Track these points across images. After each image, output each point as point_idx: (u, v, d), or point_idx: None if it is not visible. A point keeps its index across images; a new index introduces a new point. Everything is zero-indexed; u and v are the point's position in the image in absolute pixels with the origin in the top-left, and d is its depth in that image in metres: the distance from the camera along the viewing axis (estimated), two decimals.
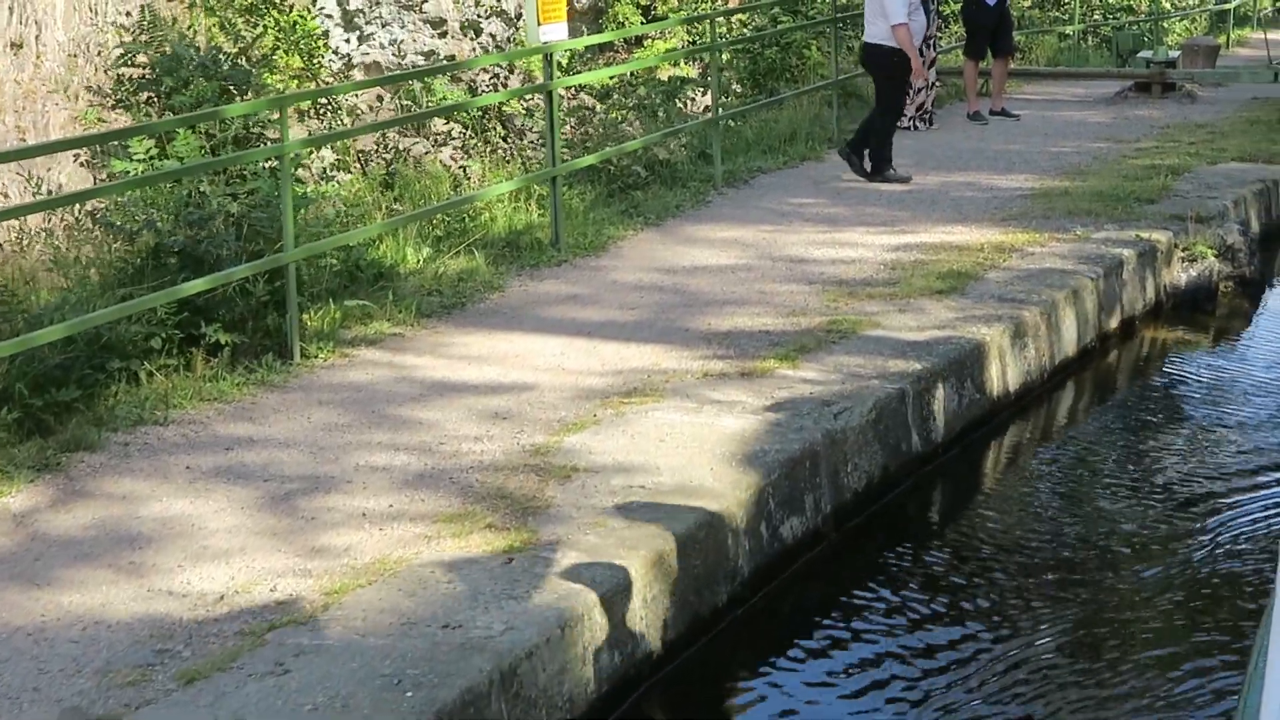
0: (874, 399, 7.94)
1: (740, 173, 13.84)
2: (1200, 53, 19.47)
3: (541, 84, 11.22)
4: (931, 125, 16.45)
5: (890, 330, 9.08)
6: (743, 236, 11.62)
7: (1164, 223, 11.75)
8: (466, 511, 6.54)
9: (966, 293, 9.87)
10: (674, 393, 8.03)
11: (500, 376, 8.47)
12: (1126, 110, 17.62)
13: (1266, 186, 13.33)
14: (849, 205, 12.67)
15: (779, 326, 9.23)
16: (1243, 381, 10.27)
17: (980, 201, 12.62)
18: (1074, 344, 10.00)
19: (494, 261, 10.79)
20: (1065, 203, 12.33)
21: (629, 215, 12.20)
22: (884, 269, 10.50)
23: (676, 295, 10.05)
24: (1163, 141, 15.33)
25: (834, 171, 14.06)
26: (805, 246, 11.24)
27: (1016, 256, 10.75)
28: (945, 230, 11.62)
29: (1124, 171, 13.62)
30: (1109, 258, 10.67)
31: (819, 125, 15.96)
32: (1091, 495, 8.40)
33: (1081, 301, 10.07)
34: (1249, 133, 15.58)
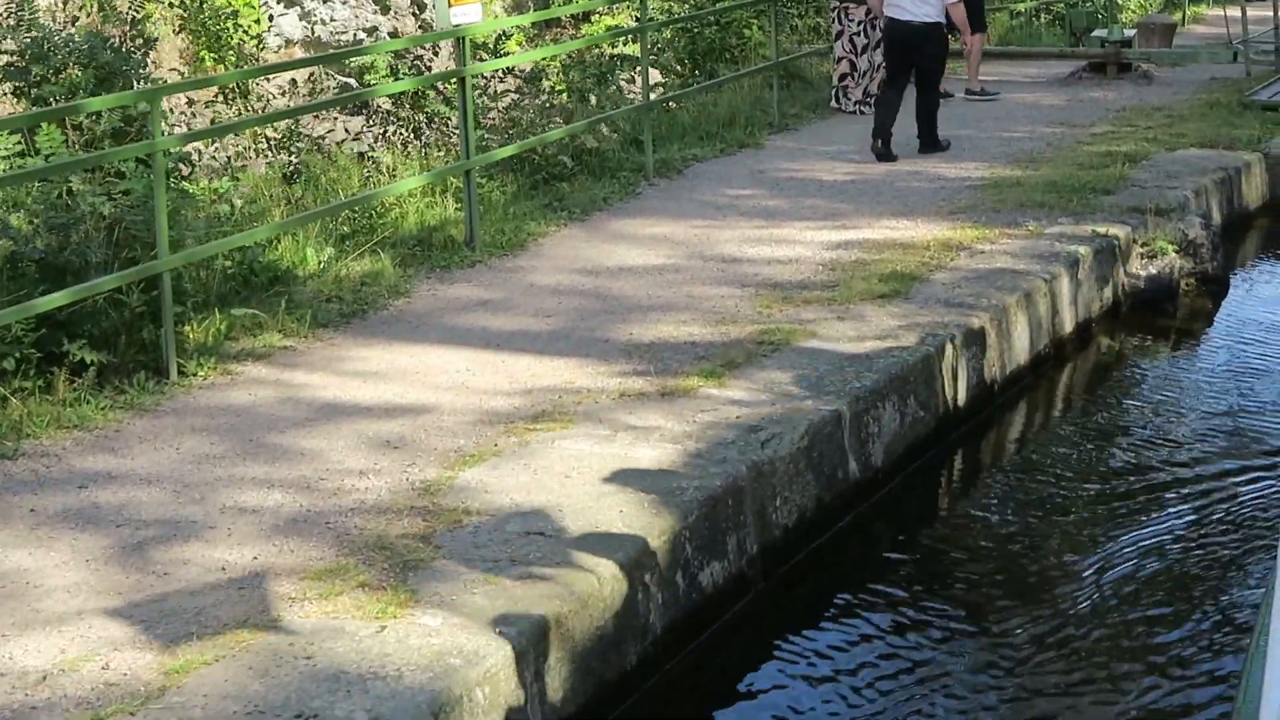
0: (806, 423, 7.18)
1: (674, 161, 13.05)
2: (1156, 31, 18.75)
3: (454, 70, 10.38)
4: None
5: (827, 341, 8.32)
6: (673, 233, 10.85)
7: (1121, 216, 11.02)
8: (340, 566, 5.75)
9: (911, 297, 9.12)
10: (586, 417, 7.25)
11: (397, 396, 7.67)
12: (1081, 92, 16.90)
13: (1228, 175, 12.63)
14: (788, 197, 11.90)
15: (706, 337, 8.46)
16: (1204, 393, 9.56)
17: (927, 193, 11.88)
18: (1026, 352, 9.27)
19: (402, 263, 9.98)
20: (1017, 194, 11.59)
21: (553, 209, 11.40)
22: (823, 270, 9.74)
23: (598, 300, 9.27)
24: (1119, 126, 14.60)
25: (773, 159, 13.30)
26: (739, 244, 10.47)
27: (965, 255, 10.00)
28: (889, 225, 10.87)
29: (1079, 159, 12.90)
30: (1063, 256, 9.94)
31: (760, 109, 15.18)
32: (1050, 525, 7.66)
33: (1034, 306, 9.34)
34: (1208, 117, 14.87)
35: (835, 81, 15.76)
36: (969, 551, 7.42)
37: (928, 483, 8.14)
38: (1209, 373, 9.90)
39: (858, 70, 15.48)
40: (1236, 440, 8.77)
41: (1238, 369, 9.92)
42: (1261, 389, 9.53)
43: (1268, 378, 9.76)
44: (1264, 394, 9.46)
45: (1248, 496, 7.91)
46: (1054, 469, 8.42)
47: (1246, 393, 9.50)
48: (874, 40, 15.39)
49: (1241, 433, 8.88)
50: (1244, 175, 12.92)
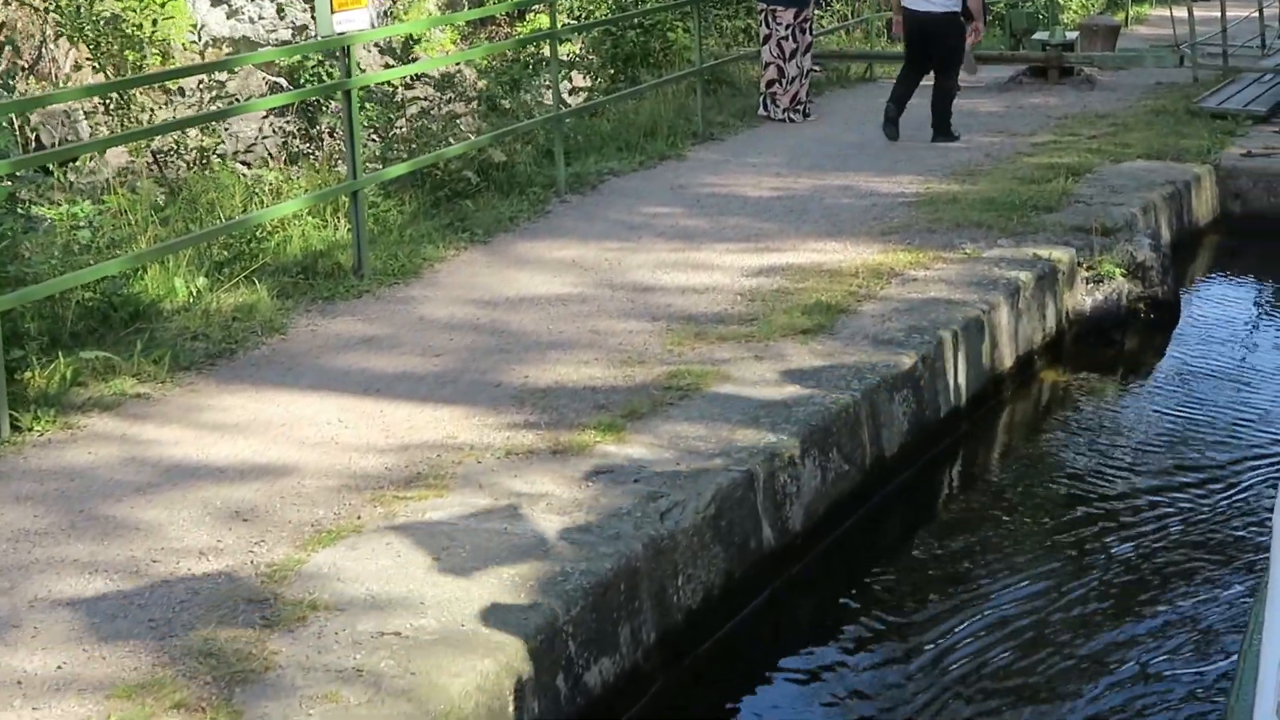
0: (714, 487, 6.35)
1: (589, 176, 12.21)
2: (1099, 33, 18.03)
3: (337, 82, 9.50)
4: (808, 117, 14.89)
5: (742, 385, 7.50)
6: (582, 256, 10.00)
7: (1065, 236, 10.25)
8: (155, 680, 4.87)
9: (836, 332, 8.31)
10: (465, 482, 6.40)
11: (256, 454, 6.80)
12: (1021, 98, 16.15)
13: (1177, 189, 11.88)
14: (708, 216, 11.08)
15: (609, 380, 7.62)
16: (1155, 434, 8.80)
17: (858, 210, 11.07)
18: (961, 393, 8.48)
19: (282, 293, 9.10)
20: (953, 212, 10.80)
21: (454, 230, 10.54)
22: (741, 300, 8.92)
23: (493, 336, 8.42)
24: (1061, 135, 13.85)
25: (696, 173, 12.48)
26: (653, 269, 9.64)
27: (896, 283, 9.20)
28: (816, 247, 10.07)
29: (1019, 172, 12.13)
30: (1002, 283, 9.15)
31: (684, 117, 14.36)
32: (992, 595, 6.87)
33: (971, 340, 8.55)
34: (1155, 125, 14.13)
35: (763, 88, 14.94)
36: (899, 631, 6.61)
37: (854, 547, 7.31)
38: (1160, 411, 9.14)
39: (785, 76, 14.67)
40: (1190, 486, 8.03)
41: (1190, 406, 9.18)
42: (1215, 428, 8.80)
43: (1221, 415, 9.02)
44: (1218, 433, 8.73)
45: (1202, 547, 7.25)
46: (994, 525, 7.64)
47: (1199, 433, 8.76)
48: (803, 45, 14.61)
49: (1194, 476, 8.15)
50: (1194, 189, 12.19)
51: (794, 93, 14.67)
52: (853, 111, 15.41)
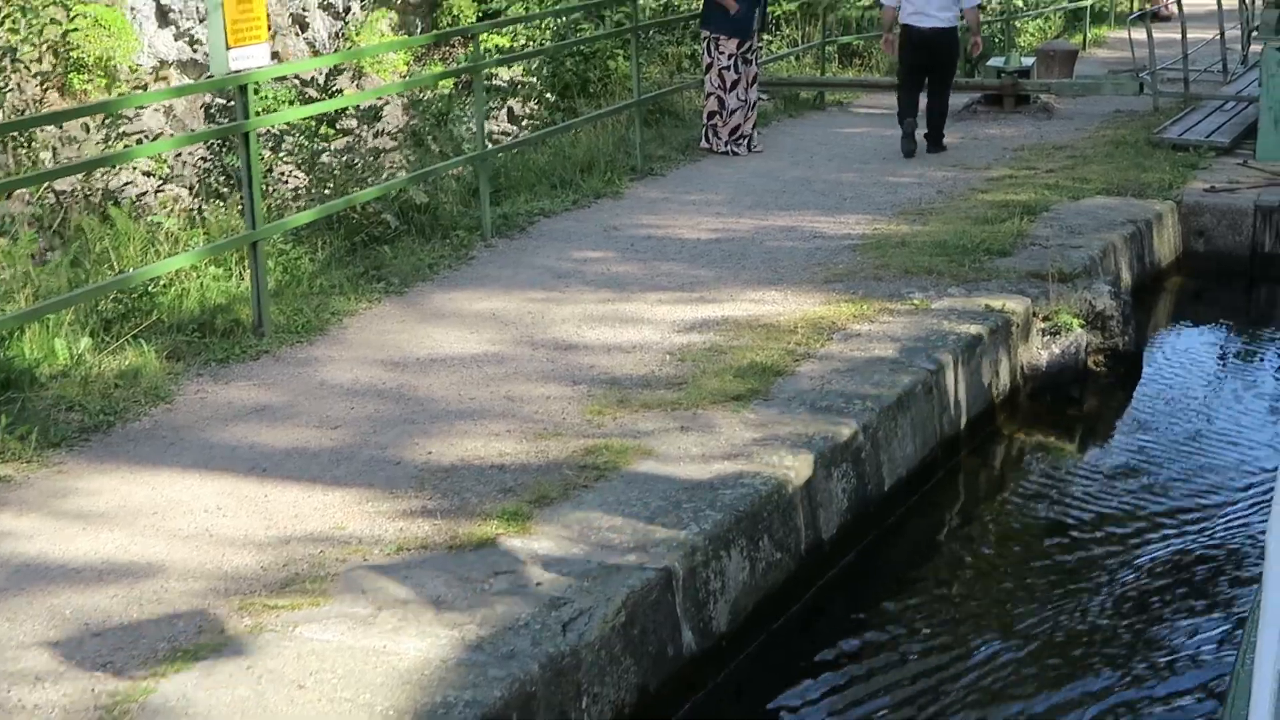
0: (626, 590, 5.66)
1: (518, 217, 11.52)
2: (1057, 59, 17.42)
3: (233, 125, 8.79)
4: (753, 150, 14.25)
5: (665, 462, 6.82)
6: (504, 309, 9.32)
7: (1019, 283, 9.61)
8: None
9: (771, 397, 7.64)
10: (347, 585, 5.70)
11: (120, 550, 6.10)
12: (976, 128, 15.54)
13: (1139, 229, 11.25)
14: (641, 261, 10.40)
15: (520, 456, 6.94)
16: (1116, 503, 8.16)
17: (800, 255, 10.41)
18: (908, 463, 7.82)
19: (173, 355, 8.38)
20: (901, 257, 10.15)
21: (369, 280, 9.84)
22: (670, 360, 8.24)
23: (399, 404, 7.72)
24: (1017, 169, 13.23)
25: (632, 212, 11.81)
26: (578, 324, 8.96)
27: (838, 339, 8.54)
28: (754, 297, 9.41)
29: (972, 211, 11.49)
30: (953, 339, 8.50)
31: (623, 151, 13.67)
32: (937, 692, 6.21)
33: (917, 404, 7.89)
34: (1114, 157, 13.51)
35: (704, 119, 14.27)
36: None
37: (788, 644, 6.63)
38: (1121, 474, 8.50)
39: (725, 109, 14.00)
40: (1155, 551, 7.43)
41: (1153, 467, 8.55)
42: (1179, 491, 8.18)
43: (1186, 477, 8.39)
44: (1182, 496, 8.11)
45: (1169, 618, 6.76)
46: (946, 609, 6.97)
47: (1163, 496, 8.14)
48: (747, 76, 13.96)
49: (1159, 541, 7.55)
50: (1155, 228, 11.56)
51: (734, 125, 14.01)
52: (800, 143, 14.76)
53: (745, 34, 13.86)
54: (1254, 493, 8.20)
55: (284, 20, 19.52)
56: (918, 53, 13.93)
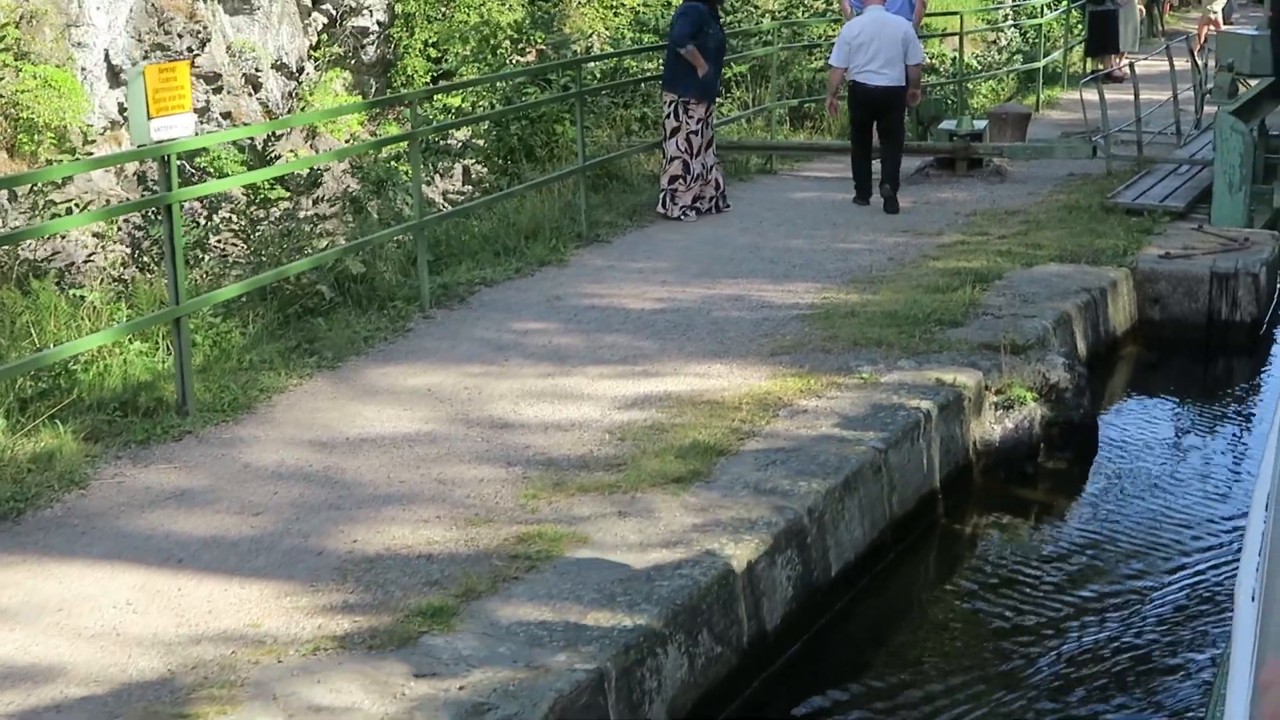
0: (554, 695, 5.35)
1: (458, 287, 11.21)
2: (1009, 122, 17.25)
3: (155, 197, 8.47)
4: (725, 206, 14.07)
5: (601, 550, 6.51)
6: (440, 384, 9.00)
7: (971, 355, 9.35)
8: None
9: (713, 479, 7.35)
10: (257, 692, 5.37)
11: (21, 651, 5.76)
12: (928, 191, 15.32)
13: (1093, 297, 11.01)
14: (584, 332, 10.11)
15: (449, 545, 6.62)
16: (1072, 585, 7.88)
17: (747, 326, 10.14)
18: (856, 547, 7.53)
19: (92, 436, 8.03)
20: (851, 328, 9.89)
21: (301, 354, 9.51)
22: (610, 439, 7.94)
23: (325, 488, 7.39)
24: (969, 234, 12.99)
25: (576, 281, 11.52)
26: (516, 400, 8.65)
27: (784, 416, 8.25)
28: (699, 371, 9.12)
29: (923, 279, 11.24)
30: (902, 416, 8.22)
31: (569, 217, 13.38)
32: None
33: (865, 485, 7.61)
34: (1068, 223, 13.29)
35: (665, 184, 13.95)
36: None
37: None
38: (1075, 558, 8.24)
39: (690, 173, 13.73)
40: (1108, 645, 7.13)
41: (1109, 545, 8.29)
42: (1136, 575, 7.91)
43: (1142, 561, 8.13)
44: (1141, 576, 7.85)
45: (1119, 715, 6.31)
46: (892, 706, 6.66)
47: (1118, 583, 7.87)
48: (708, 139, 13.71)
49: (1118, 624, 7.26)
50: (1110, 296, 11.33)
51: (695, 191, 13.76)
52: (749, 209, 14.50)
53: (713, 96, 13.75)
54: (1211, 574, 7.95)
55: (237, 80, 19.27)
56: (864, 110, 14.29)
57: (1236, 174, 12.98)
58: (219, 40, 19.04)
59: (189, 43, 18.08)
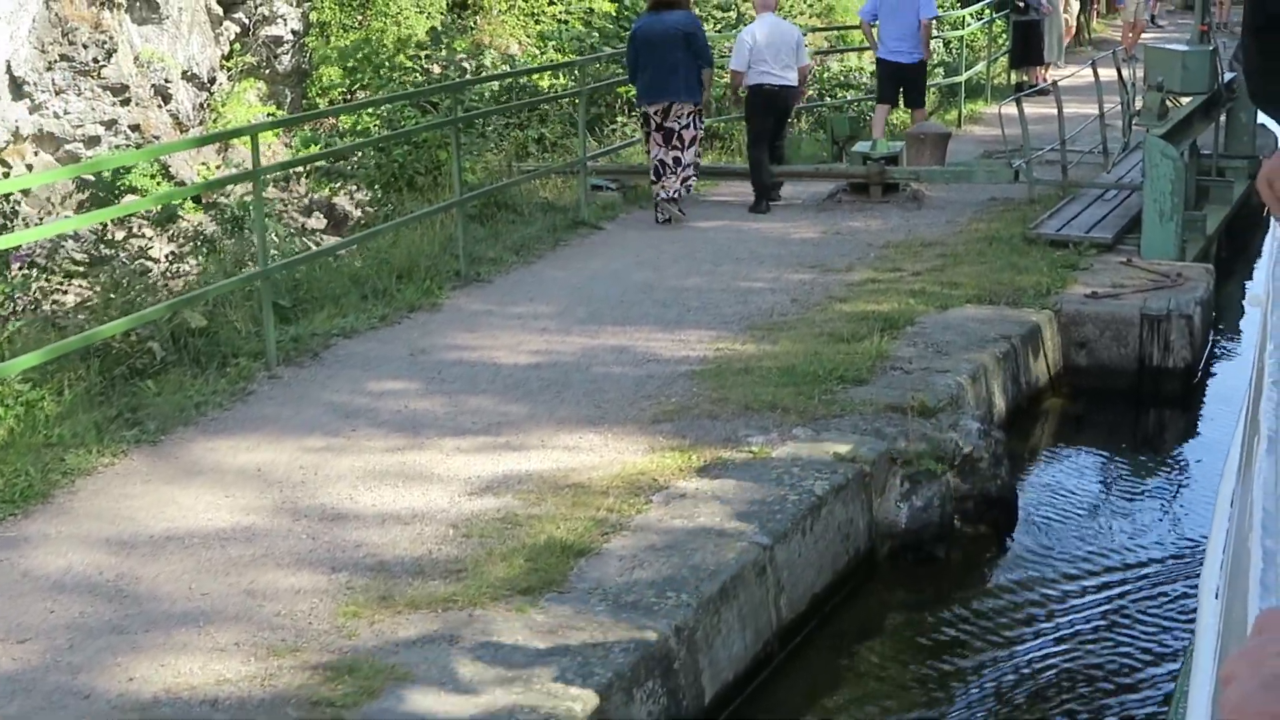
0: None
1: (313, 339, 10.10)
2: (928, 143, 16.22)
3: None
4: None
5: (422, 692, 5.46)
6: (272, 463, 7.91)
7: (876, 420, 8.35)
8: None
9: (568, 589, 6.30)
10: None
11: None
12: (839, 219, 14.30)
13: (1013, 346, 10.02)
14: (447, 394, 9.03)
15: (242, 685, 5.54)
16: (987, 689, 6.87)
17: (629, 385, 9.09)
18: (735, 665, 6.49)
19: None
20: (743, 387, 8.86)
21: (121, 425, 8.39)
22: (455, 536, 6.88)
23: (113, 603, 6.29)
24: (880, 270, 11.98)
25: (446, 330, 10.44)
26: (356, 483, 7.58)
27: (658, 501, 7.21)
28: (568, 443, 8.07)
29: (827, 325, 10.23)
30: (793, 502, 7.19)
31: (450, 253, 12.28)
32: None
33: (747, 590, 6.57)
34: (987, 256, 12.30)
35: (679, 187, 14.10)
36: None
37: None
38: (989, 654, 7.22)
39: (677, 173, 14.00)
40: None
41: (1025, 646, 7.27)
42: (1054, 677, 6.92)
43: (1065, 659, 7.14)
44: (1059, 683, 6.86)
45: None
46: None
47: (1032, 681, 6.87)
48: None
49: None
50: (1032, 343, 10.35)
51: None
52: (648, 239, 13.47)
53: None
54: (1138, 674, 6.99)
55: (145, 92, 18.18)
56: (765, 111, 14.78)
57: (1168, 202, 12.03)
58: (126, 51, 18.03)
59: (95, 53, 17.13)
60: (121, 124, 17.34)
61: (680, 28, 13.64)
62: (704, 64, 13.83)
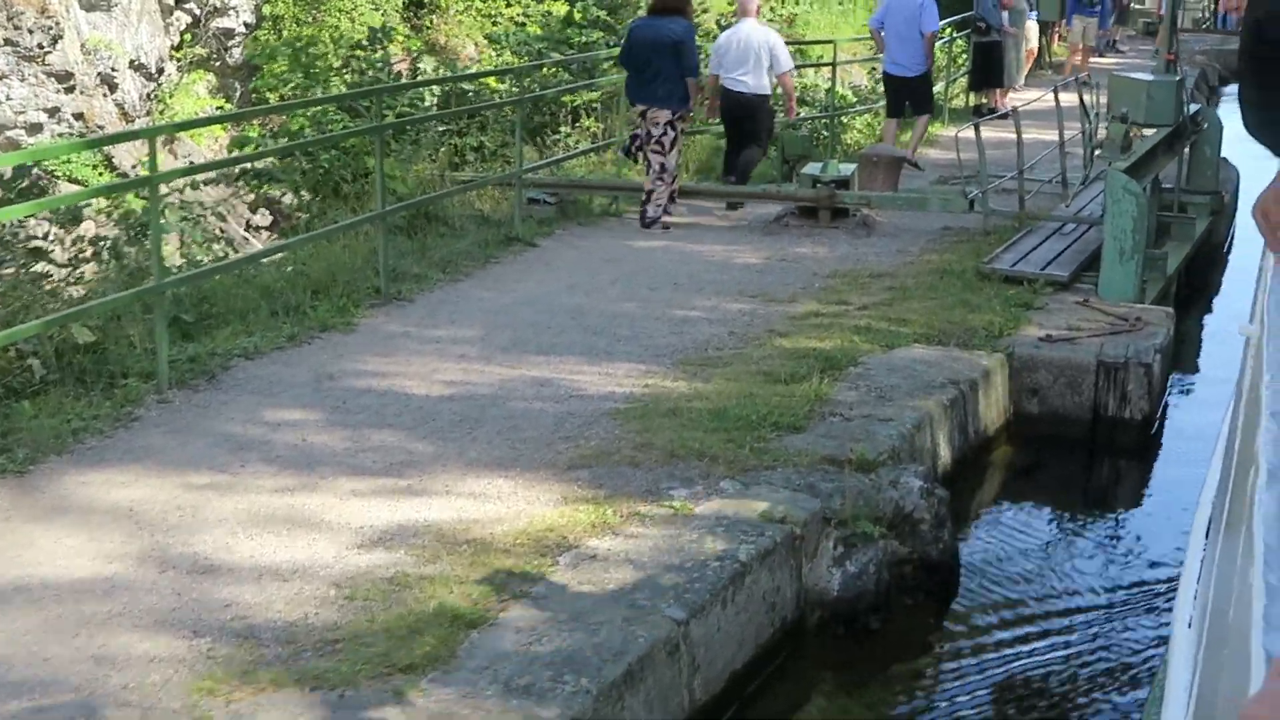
0: None
1: (212, 359, 9.39)
2: (881, 166, 15.61)
3: None
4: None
5: None
6: (148, 501, 7.20)
7: (810, 474, 7.70)
8: None
9: (455, 666, 5.62)
10: None
11: None
12: (785, 245, 13.66)
13: (961, 392, 9.39)
14: (350, 426, 8.34)
15: None
16: None
17: (548, 423, 8.42)
18: None
19: None
20: (670, 431, 8.20)
21: None
22: (336, 597, 6.19)
23: None
24: (825, 303, 11.34)
25: (358, 353, 9.75)
26: (236, 528, 6.88)
27: (566, 564, 6.54)
28: (475, 489, 7.40)
29: (765, 362, 9.59)
30: (714, 569, 6.53)
31: (373, 267, 11.57)
32: None
33: (656, 672, 5.89)
34: (938, 291, 11.67)
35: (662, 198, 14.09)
36: None
37: None
38: None
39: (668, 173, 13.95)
40: None
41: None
42: None
43: None
44: None
45: None
46: None
47: None
48: None
49: None
50: (982, 388, 9.72)
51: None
52: (585, 259, 12.80)
53: None
54: None
55: (91, 80, 17.43)
56: (729, 114, 15.06)
57: (1129, 240, 11.42)
58: (72, 37, 17.28)
59: (40, 39, 16.37)
60: (65, 112, 16.66)
61: (671, 36, 13.56)
62: (688, 74, 13.69)
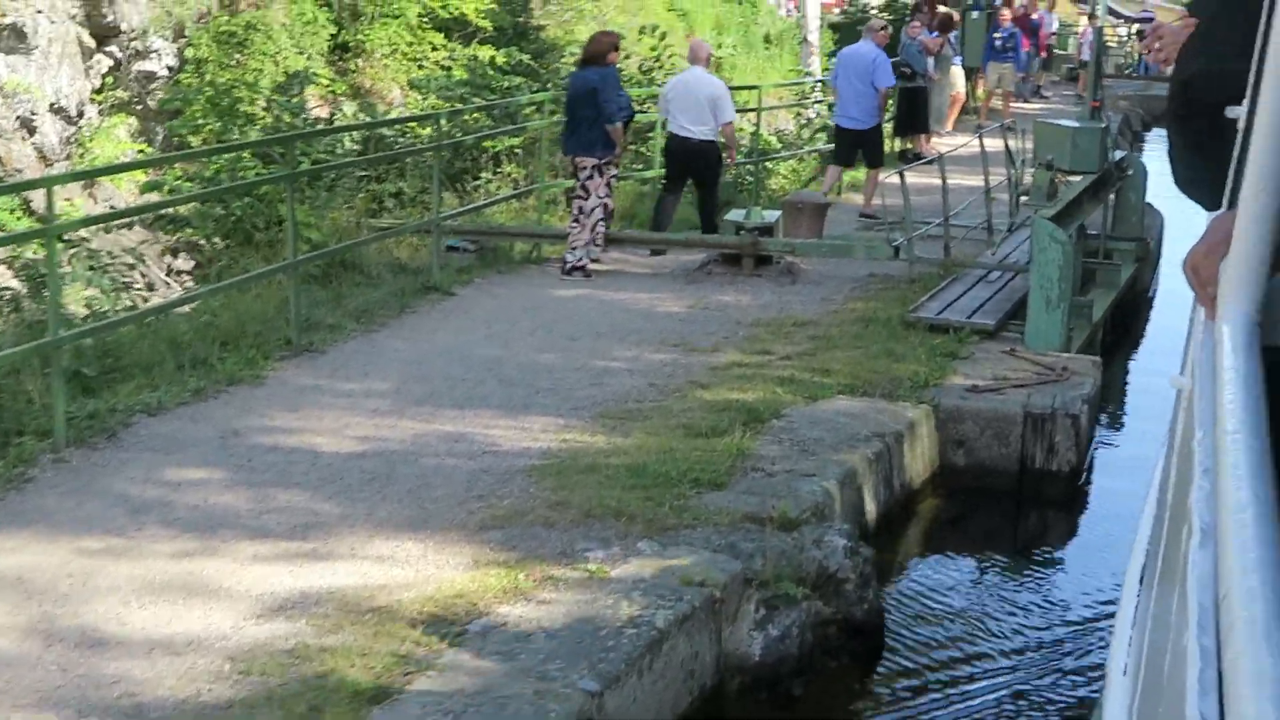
0: None
1: (113, 415, 9.05)
2: (805, 213, 15.45)
3: None
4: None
5: None
6: (38, 567, 6.87)
7: (731, 533, 7.46)
8: None
9: None
10: None
11: None
12: (708, 293, 13.46)
13: (886, 445, 9.18)
14: (255, 486, 8.03)
15: None
16: None
17: (461, 481, 8.15)
18: None
19: None
20: (587, 489, 7.94)
21: None
22: (230, 673, 5.87)
23: None
24: (748, 352, 11.12)
25: (266, 408, 9.45)
26: (130, 597, 6.57)
27: (475, 633, 6.26)
28: (382, 552, 7.11)
29: (686, 415, 9.35)
30: (629, 636, 6.26)
31: (284, 317, 11.26)
32: None
33: None
34: (863, 340, 11.48)
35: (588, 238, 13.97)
36: None
37: None
38: None
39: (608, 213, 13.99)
40: None
41: None
42: None
43: None
44: None
45: None
46: None
47: None
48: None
49: None
50: (907, 441, 9.52)
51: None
52: (504, 308, 12.54)
53: None
54: None
55: (10, 123, 17.06)
56: (674, 160, 15.26)
57: (1055, 289, 11.28)
58: None
59: None
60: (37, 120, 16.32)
61: (589, 84, 13.52)
62: (606, 120, 13.55)
